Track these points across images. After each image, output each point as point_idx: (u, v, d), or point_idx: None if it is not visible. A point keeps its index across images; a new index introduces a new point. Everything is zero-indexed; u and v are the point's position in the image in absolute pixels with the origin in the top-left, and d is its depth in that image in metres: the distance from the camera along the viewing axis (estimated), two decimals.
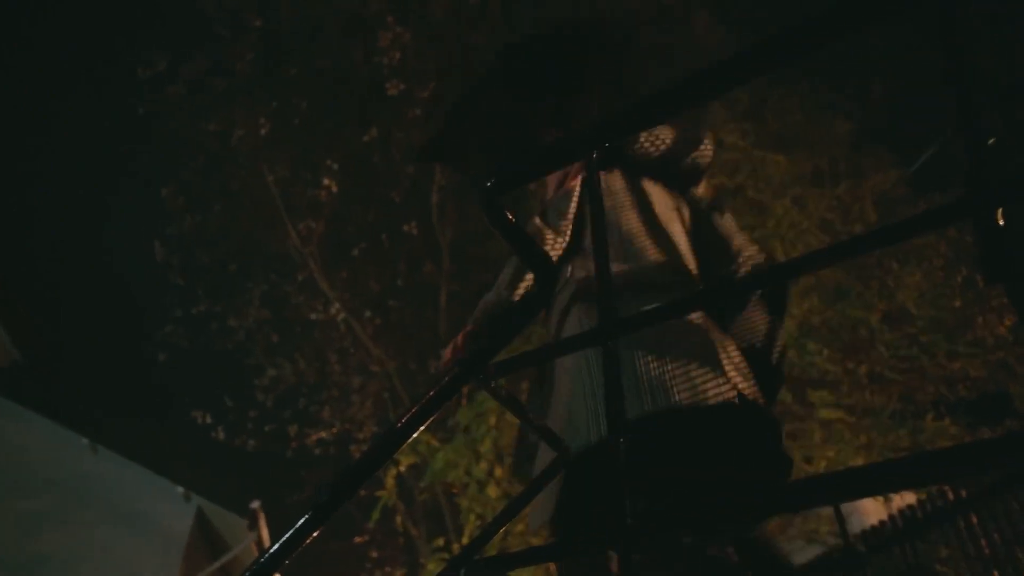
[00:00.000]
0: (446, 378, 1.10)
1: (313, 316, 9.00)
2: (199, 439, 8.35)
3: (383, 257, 9.02)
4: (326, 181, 8.35)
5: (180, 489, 8.80)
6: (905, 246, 6.30)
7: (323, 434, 8.95)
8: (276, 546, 1.16)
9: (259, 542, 8.18)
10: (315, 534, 1.12)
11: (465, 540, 5.26)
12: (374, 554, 11.14)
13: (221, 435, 8.35)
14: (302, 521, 1.14)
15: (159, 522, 8.70)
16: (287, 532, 1.12)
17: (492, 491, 4.99)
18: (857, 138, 7.29)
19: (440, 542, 5.72)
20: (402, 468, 6.55)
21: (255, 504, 8.60)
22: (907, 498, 5.36)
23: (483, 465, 5.09)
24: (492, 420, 5.04)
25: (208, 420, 8.36)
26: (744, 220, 5.95)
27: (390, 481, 5.85)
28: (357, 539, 10.32)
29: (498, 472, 5.00)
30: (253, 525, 8.67)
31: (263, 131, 8.19)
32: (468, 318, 1.70)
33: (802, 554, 5.61)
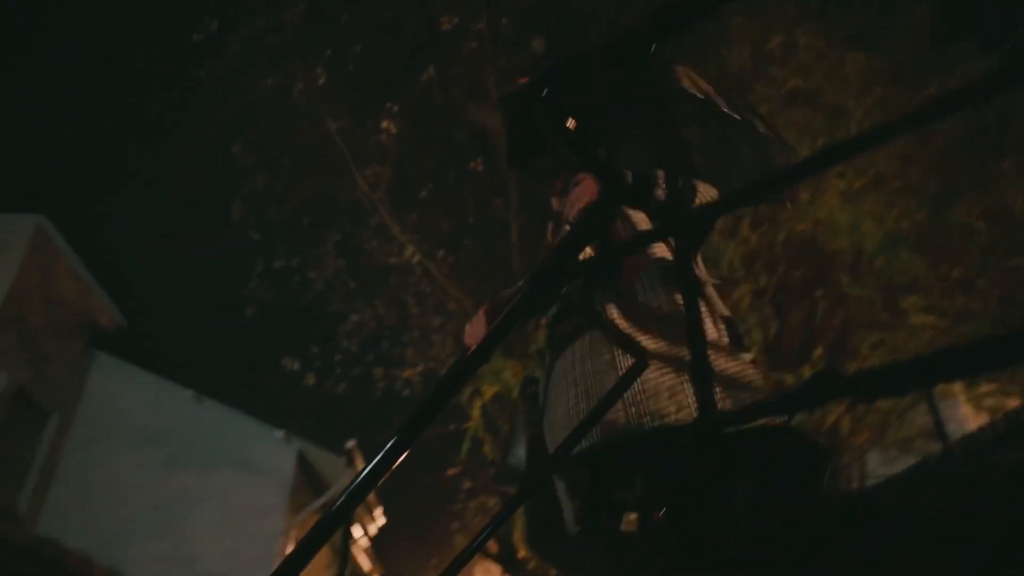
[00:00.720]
0: (518, 296, 1.09)
1: (388, 260, 9.15)
2: (292, 385, 8.74)
3: (451, 197, 9.03)
4: (387, 125, 8.36)
5: (280, 433, 9.28)
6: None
7: (408, 374, 9.20)
8: (366, 470, 1.21)
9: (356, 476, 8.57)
10: (402, 457, 1.16)
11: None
12: (467, 485, 11.55)
13: (312, 380, 8.70)
14: (390, 445, 1.18)
15: (264, 464, 9.25)
16: (376, 457, 1.14)
17: None
18: (937, 28, 6.74)
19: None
20: (487, 398, 6.66)
21: (351, 443, 9.01)
22: (1010, 403, 5.14)
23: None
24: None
25: (298, 367, 8.72)
26: (821, 124, 5.65)
27: (476, 412, 5.96)
28: (450, 471, 10.70)
29: None
30: (350, 463, 9.11)
31: (320, 81, 8.22)
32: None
33: (897, 463, 5.50)
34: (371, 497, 11.30)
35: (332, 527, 1.60)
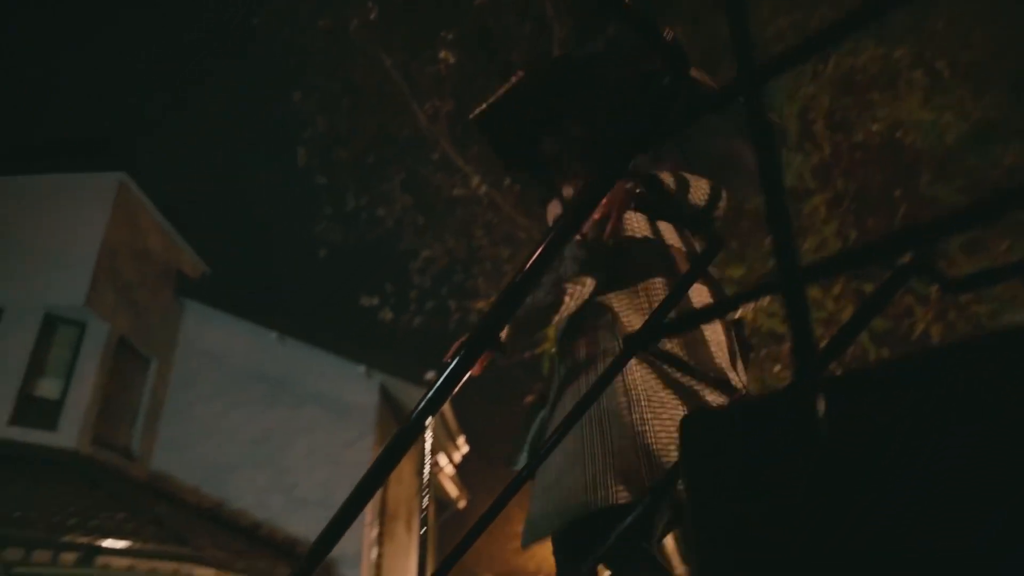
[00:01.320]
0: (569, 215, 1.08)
1: (454, 193, 9.17)
2: (370, 322, 9.00)
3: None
4: (444, 55, 8.25)
5: (362, 368, 9.61)
6: None
7: (481, 305, 9.31)
8: (439, 382, 1.25)
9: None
10: (469, 372, 1.20)
11: None
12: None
13: (388, 316, 8.93)
14: (457, 360, 1.22)
15: (349, 398, 9.64)
16: (445, 370, 1.16)
17: None
18: None
19: None
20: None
21: (429, 374, 9.23)
22: None
23: None
24: None
25: (375, 303, 8.95)
26: None
27: (552, 332, 5.99)
28: (528, 398, 10.88)
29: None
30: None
31: (372, 16, 8.15)
32: None
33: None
34: (454, 426, 11.67)
35: (408, 438, 1.67)
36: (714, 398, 1.60)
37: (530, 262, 1.43)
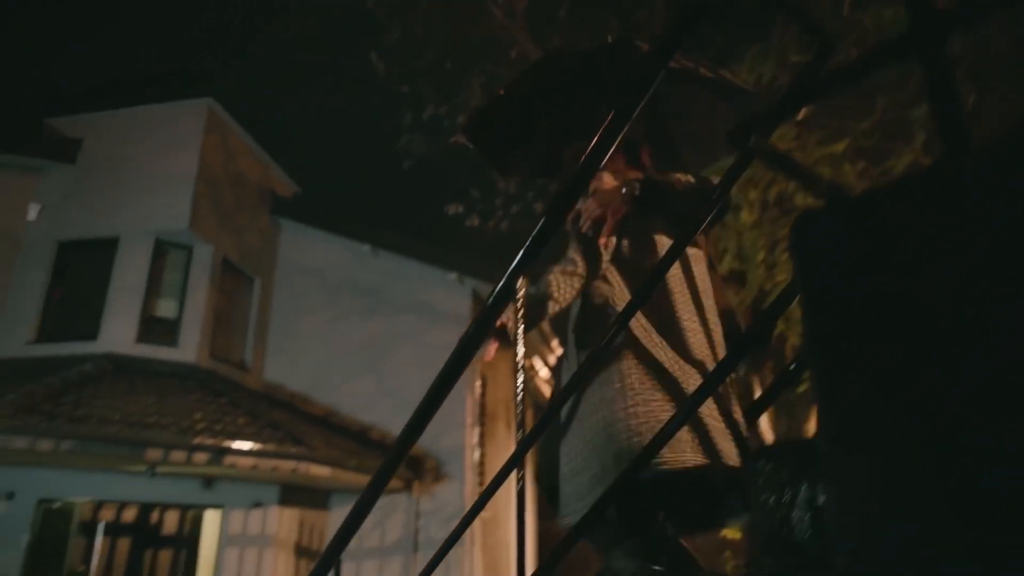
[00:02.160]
0: None
1: None
2: (458, 229, 9.08)
3: (587, 13, 8.53)
4: None
5: (453, 275, 9.75)
6: None
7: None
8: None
9: (516, 314, 9.00)
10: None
11: (723, 267, 5.22)
12: None
13: (476, 222, 8.97)
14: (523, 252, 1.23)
15: (443, 304, 9.84)
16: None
17: (747, 216, 4.82)
18: None
19: None
20: None
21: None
22: None
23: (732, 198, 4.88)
24: None
25: (461, 210, 9.00)
26: None
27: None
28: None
29: (751, 194, 4.78)
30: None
31: None
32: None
33: None
34: (547, 330, 11.76)
35: (484, 325, 1.70)
36: (693, 384, 1.75)
37: (534, 232, 1.46)
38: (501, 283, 1.55)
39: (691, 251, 1.99)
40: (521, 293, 1.60)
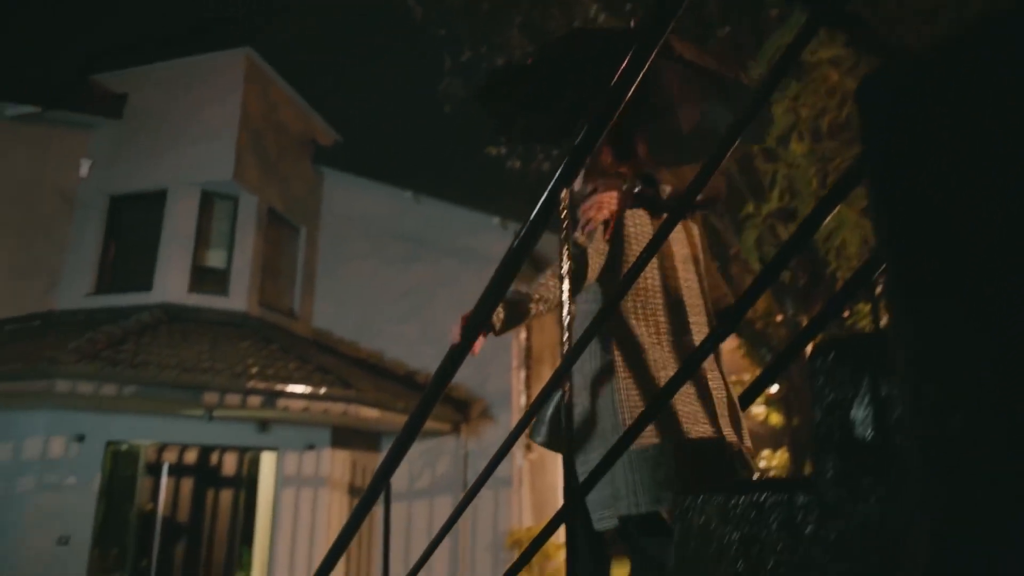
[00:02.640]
0: None
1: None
2: (500, 172, 8.98)
3: None
4: None
5: (496, 219, 9.71)
6: None
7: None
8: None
9: (562, 249, 8.89)
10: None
11: (772, 203, 5.08)
12: None
13: (517, 164, 8.87)
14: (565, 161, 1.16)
15: (486, 249, 9.81)
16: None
17: (797, 147, 4.64)
18: None
19: (749, 208, 5.58)
20: None
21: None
22: None
23: (782, 123, 4.71)
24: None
25: (503, 152, 8.89)
26: None
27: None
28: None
29: (803, 112, 4.59)
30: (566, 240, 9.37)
31: None
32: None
33: None
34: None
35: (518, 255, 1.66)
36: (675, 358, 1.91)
37: (534, 212, 1.39)
38: (545, 195, 1.51)
39: (681, 235, 2.10)
40: (564, 203, 1.56)
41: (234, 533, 8.26)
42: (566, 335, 2.09)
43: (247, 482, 8.60)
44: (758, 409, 11.92)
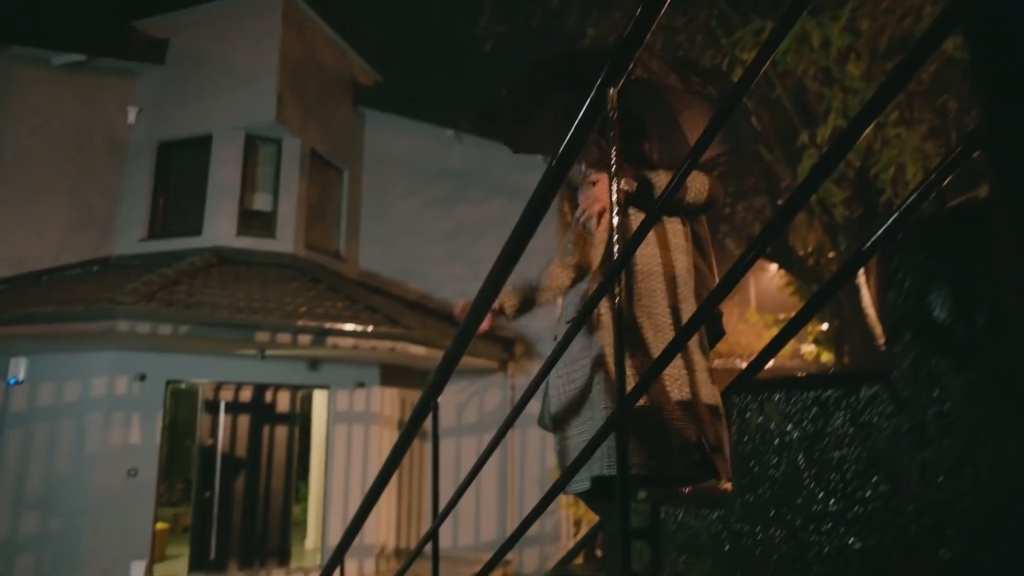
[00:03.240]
0: None
1: None
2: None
3: None
4: None
5: (539, 156, 9.55)
6: None
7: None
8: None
9: (611, 182, 8.72)
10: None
11: (828, 129, 4.86)
12: (730, 188, 11.21)
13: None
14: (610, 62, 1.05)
15: (529, 184, 9.70)
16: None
17: (853, 68, 4.40)
18: None
19: (804, 137, 5.37)
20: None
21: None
22: None
23: (838, 44, 4.46)
24: None
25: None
26: None
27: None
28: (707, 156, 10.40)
29: (858, 46, 4.34)
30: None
31: None
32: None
33: None
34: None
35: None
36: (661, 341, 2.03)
37: (581, 113, 1.31)
38: (591, 96, 1.43)
39: (677, 226, 2.24)
40: (612, 103, 1.49)
41: (290, 467, 8.55)
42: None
43: (300, 419, 8.86)
44: (808, 348, 11.72)
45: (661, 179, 2.13)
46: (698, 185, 2.15)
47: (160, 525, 8.35)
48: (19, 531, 7.71)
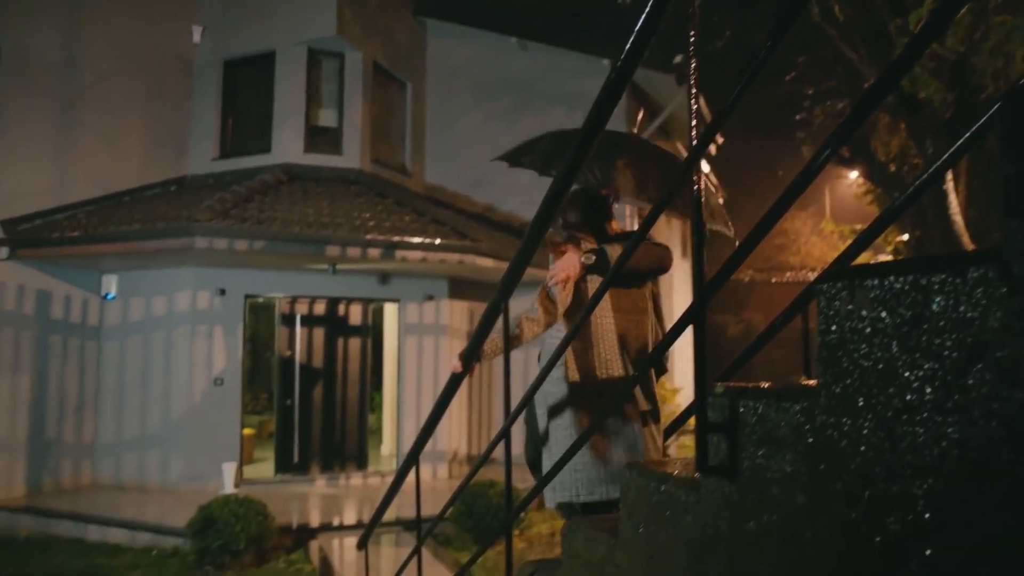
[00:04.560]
0: None
1: None
2: (606, 12, 8.40)
3: None
4: None
5: (606, 61, 9.21)
6: None
7: None
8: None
9: (689, 92, 8.23)
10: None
11: (926, 7, 4.46)
12: (809, 90, 10.62)
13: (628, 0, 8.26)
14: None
15: (595, 96, 9.40)
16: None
17: None
18: None
19: (893, 25, 4.96)
20: None
21: (678, 58, 8.56)
22: None
23: None
24: None
25: None
26: None
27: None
28: (788, 77, 9.87)
29: None
30: (681, 78, 8.79)
31: None
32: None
33: None
34: (707, 113, 11.06)
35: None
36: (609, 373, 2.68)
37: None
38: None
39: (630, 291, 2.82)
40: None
41: (364, 377, 8.88)
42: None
43: (372, 331, 9.12)
44: (885, 258, 11.24)
45: (615, 251, 2.62)
46: (644, 255, 2.70)
47: (247, 431, 8.87)
48: (123, 434, 8.32)
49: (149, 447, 8.18)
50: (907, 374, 0.89)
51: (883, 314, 0.93)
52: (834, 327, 0.99)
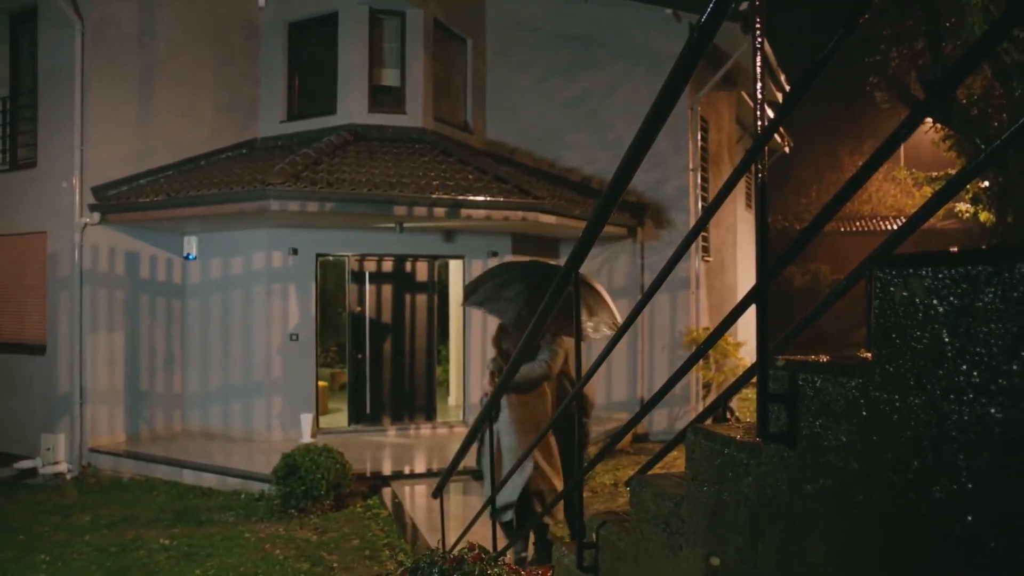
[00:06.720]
0: None
1: None
2: None
3: None
4: None
5: (668, 11, 9.01)
6: None
7: None
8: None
9: (754, 41, 7.98)
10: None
11: None
12: (887, 31, 10.16)
13: None
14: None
15: (658, 46, 9.25)
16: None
17: None
18: None
19: None
20: None
21: (743, 4, 8.30)
22: None
23: None
24: None
25: None
26: None
27: None
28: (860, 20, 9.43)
29: None
30: (747, 27, 8.55)
31: None
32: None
33: None
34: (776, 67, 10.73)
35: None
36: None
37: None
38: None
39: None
40: None
41: (431, 332, 9.16)
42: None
43: (439, 287, 9.36)
44: (963, 205, 10.79)
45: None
46: (530, 371, 4.19)
47: (321, 383, 9.30)
48: (208, 385, 8.85)
49: (232, 398, 8.68)
50: (954, 357, 0.97)
51: (935, 302, 1.00)
52: (889, 312, 1.07)
